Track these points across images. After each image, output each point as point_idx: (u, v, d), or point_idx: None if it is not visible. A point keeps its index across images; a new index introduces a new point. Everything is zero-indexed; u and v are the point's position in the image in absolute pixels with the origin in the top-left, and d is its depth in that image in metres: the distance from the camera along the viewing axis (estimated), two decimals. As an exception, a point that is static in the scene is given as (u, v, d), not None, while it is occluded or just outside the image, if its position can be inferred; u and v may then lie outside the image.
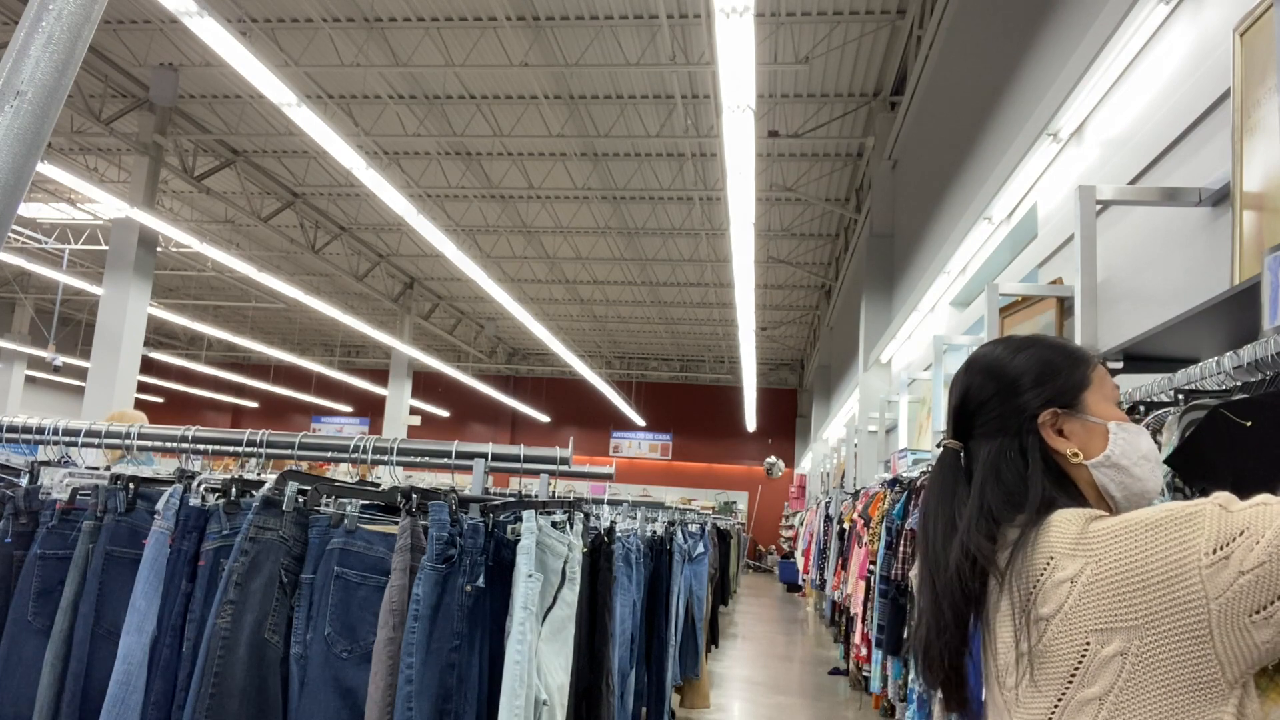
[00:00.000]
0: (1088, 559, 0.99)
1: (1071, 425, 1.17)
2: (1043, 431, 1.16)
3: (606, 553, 2.51)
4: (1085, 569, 0.99)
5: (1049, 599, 1.01)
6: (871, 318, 9.66)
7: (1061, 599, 1.00)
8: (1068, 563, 1.01)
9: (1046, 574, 1.02)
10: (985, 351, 1.27)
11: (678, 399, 26.88)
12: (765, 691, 7.14)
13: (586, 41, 9.46)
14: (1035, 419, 1.17)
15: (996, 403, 1.20)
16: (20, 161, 0.89)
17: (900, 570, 4.39)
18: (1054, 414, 1.17)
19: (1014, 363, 1.21)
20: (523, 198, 13.96)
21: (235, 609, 1.78)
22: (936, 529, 1.19)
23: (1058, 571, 1.01)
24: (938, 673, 1.15)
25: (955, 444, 1.25)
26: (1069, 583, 0.99)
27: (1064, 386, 1.18)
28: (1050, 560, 1.03)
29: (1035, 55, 4.73)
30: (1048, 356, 1.21)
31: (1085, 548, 1.00)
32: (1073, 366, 1.20)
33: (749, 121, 5.88)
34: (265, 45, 9.94)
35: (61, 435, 2.34)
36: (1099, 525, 1.02)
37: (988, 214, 4.59)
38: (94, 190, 8.85)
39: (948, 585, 1.13)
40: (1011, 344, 1.25)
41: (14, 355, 20.42)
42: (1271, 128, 2.15)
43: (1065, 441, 1.16)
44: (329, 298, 20.62)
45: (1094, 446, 1.15)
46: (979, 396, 1.22)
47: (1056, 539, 1.04)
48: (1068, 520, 1.05)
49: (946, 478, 1.23)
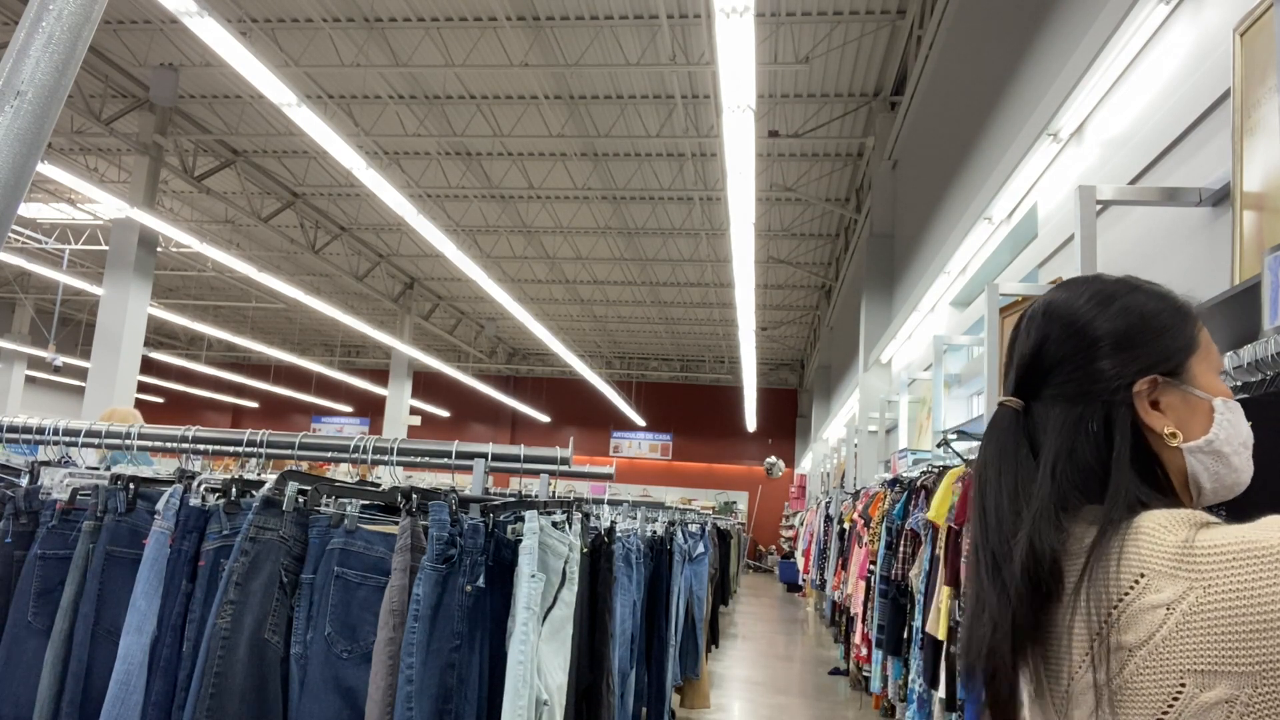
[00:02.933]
0: (1192, 582, 0.80)
1: (1171, 398, 0.95)
2: (1138, 403, 0.94)
3: (606, 553, 2.51)
4: (1188, 595, 0.80)
5: (1136, 625, 0.82)
6: (871, 318, 9.66)
7: (1153, 627, 0.81)
8: (1165, 584, 0.81)
9: (1135, 594, 0.83)
10: (1071, 296, 1.02)
11: (678, 399, 26.88)
12: (765, 691, 7.14)
13: (586, 41, 9.46)
14: (1130, 387, 0.94)
15: (1080, 361, 0.97)
16: (20, 161, 0.89)
17: (900, 570, 4.39)
18: (1153, 383, 0.95)
19: (1107, 314, 0.98)
20: (523, 198, 13.97)
21: (235, 609, 1.78)
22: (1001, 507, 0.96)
23: (1150, 593, 0.82)
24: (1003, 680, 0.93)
25: (1016, 403, 1.01)
26: (1165, 609, 0.81)
27: (1169, 349, 0.96)
28: (1141, 578, 0.83)
29: (1035, 55, 4.73)
30: (1151, 309, 0.97)
31: (1191, 568, 0.81)
32: (1180, 324, 0.97)
33: (749, 121, 5.88)
34: (265, 45, 9.94)
35: (61, 435, 2.34)
36: (1209, 539, 0.82)
37: (988, 214, 4.59)
38: (94, 190, 8.85)
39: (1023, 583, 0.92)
40: (1103, 290, 1.01)
41: (14, 355, 20.42)
42: (1271, 128, 2.15)
43: (1162, 418, 0.94)
44: (329, 298, 20.62)
45: (1195, 426, 0.95)
46: (1057, 352, 0.99)
47: (1150, 551, 0.84)
48: (1164, 527, 0.85)
49: (1007, 444, 0.99)
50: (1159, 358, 0.95)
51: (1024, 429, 1.00)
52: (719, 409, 26.62)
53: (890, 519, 4.69)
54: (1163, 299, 0.99)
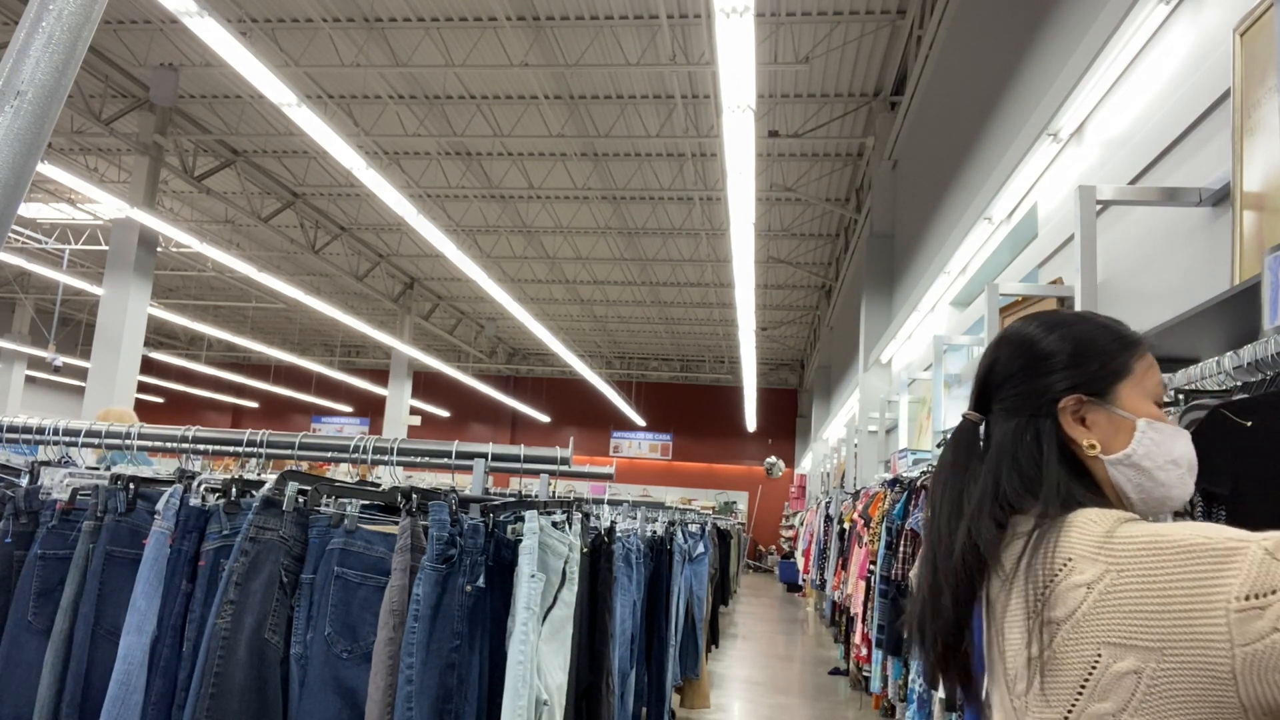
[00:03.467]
0: (1109, 566, 0.92)
1: (1096, 415, 1.08)
2: (1061, 418, 1.08)
3: (606, 553, 2.51)
4: (1105, 576, 0.92)
5: (1062, 602, 0.94)
6: (871, 318, 9.66)
7: (1075, 604, 0.93)
8: (1087, 566, 0.93)
9: (1062, 575, 0.95)
10: (1023, 324, 1.17)
11: (678, 399, 26.88)
12: (765, 691, 7.14)
13: (586, 41, 9.46)
14: (1057, 403, 1.08)
15: (1022, 378, 1.11)
16: (20, 161, 0.89)
17: (900, 570, 4.39)
18: (1078, 400, 1.08)
19: (1049, 339, 1.12)
20: (523, 198, 13.97)
21: (235, 609, 1.78)
22: (943, 506, 1.12)
23: (1075, 574, 0.94)
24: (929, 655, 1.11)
25: (975, 416, 1.17)
26: (1085, 588, 0.92)
27: (1097, 372, 1.08)
28: (1069, 562, 0.95)
29: (1035, 55, 4.73)
30: (1089, 336, 1.11)
31: (1108, 553, 0.93)
32: (1114, 352, 1.09)
33: (749, 121, 5.88)
34: (265, 45, 9.94)
35: (61, 435, 2.34)
36: (1128, 531, 0.94)
37: (988, 214, 4.59)
38: (94, 190, 8.85)
39: (951, 570, 1.06)
40: (1054, 319, 1.15)
41: (14, 355, 20.42)
42: (1271, 128, 2.15)
43: (1085, 431, 1.08)
44: (329, 298, 20.62)
45: (1116, 442, 1.07)
46: (1006, 369, 1.13)
47: (1079, 539, 0.96)
48: (1093, 520, 0.97)
49: (960, 452, 1.15)
50: (1087, 379, 1.08)
51: (979, 439, 1.15)
52: (719, 409, 26.62)
53: (890, 519, 4.69)
54: (1105, 329, 1.12)
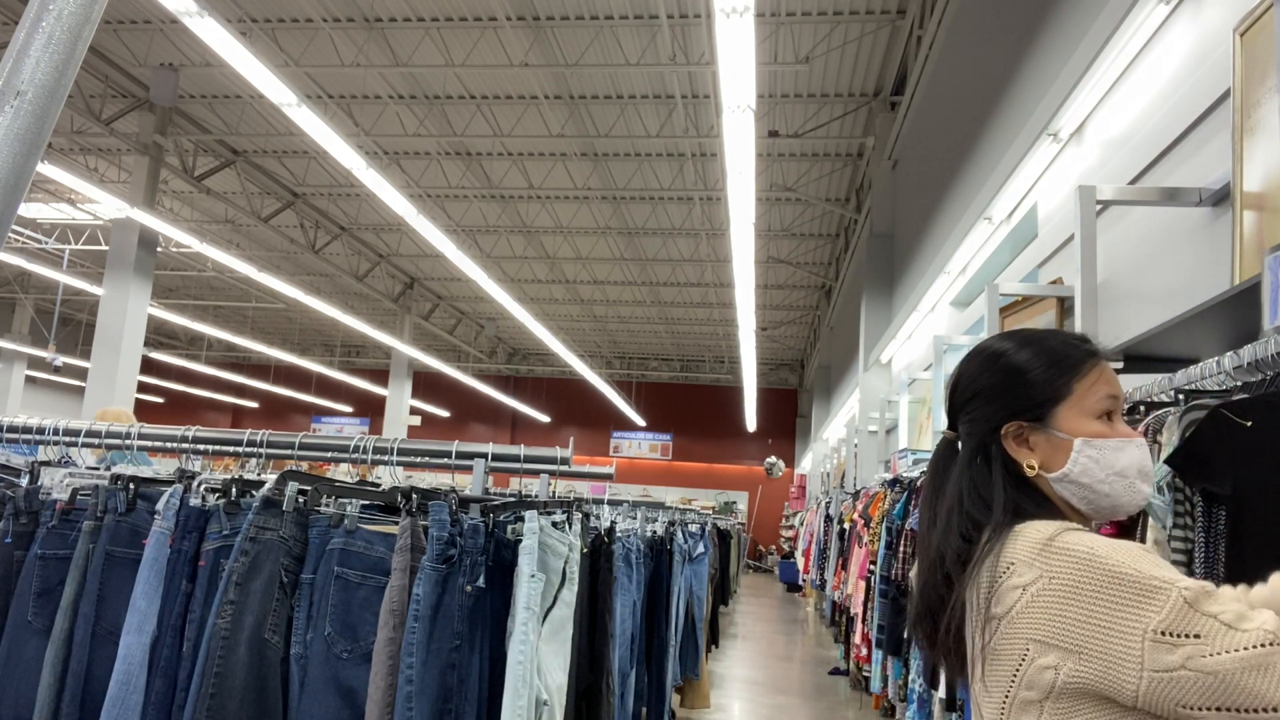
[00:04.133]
0: (1043, 571, 1.02)
1: (1037, 438, 1.17)
2: (1004, 442, 1.18)
3: (606, 553, 2.51)
4: (1038, 580, 1.02)
5: (1002, 601, 1.04)
6: (871, 318, 9.66)
7: (1012, 603, 1.03)
8: (1025, 570, 1.03)
9: (1005, 578, 1.05)
10: (985, 344, 1.27)
11: (678, 399, 26.88)
12: (765, 691, 7.14)
13: (586, 41, 9.46)
14: (999, 430, 1.18)
15: (976, 404, 1.22)
16: (20, 161, 0.89)
17: (900, 570, 4.39)
18: (1019, 426, 1.18)
19: (999, 364, 1.22)
20: (523, 198, 13.96)
21: (235, 609, 1.78)
22: (925, 521, 1.24)
23: (1014, 576, 1.04)
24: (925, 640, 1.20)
25: (951, 434, 1.27)
26: (1021, 589, 1.03)
27: (1034, 399, 1.17)
28: (1011, 565, 1.05)
29: (1035, 55, 4.73)
30: (1027, 364, 1.19)
31: (1044, 560, 1.03)
32: (1051, 377, 1.18)
33: (749, 121, 5.88)
34: (265, 45, 9.93)
35: (61, 435, 2.34)
36: (1066, 541, 1.03)
37: (988, 214, 4.59)
38: (94, 190, 8.85)
39: (930, 576, 1.18)
40: (1011, 339, 1.24)
41: (14, 355, 20.42)
42: (1271, 128, 2.15)
43: (1027, 453, 1.17)
44: (329, 298, 20.62)
45: (1055, 461, 1.16)
46: (964, 394, 1.25)
47: (1022, 546, 1.06)
48: (1038, 529, 1.06)
49: (939, 469, 1.26)
50: (1024, 405, 1.18)
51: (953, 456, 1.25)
52: (719, 409, 26.62)
53: (890, 519, 4.69)
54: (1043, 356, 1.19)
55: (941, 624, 1.15)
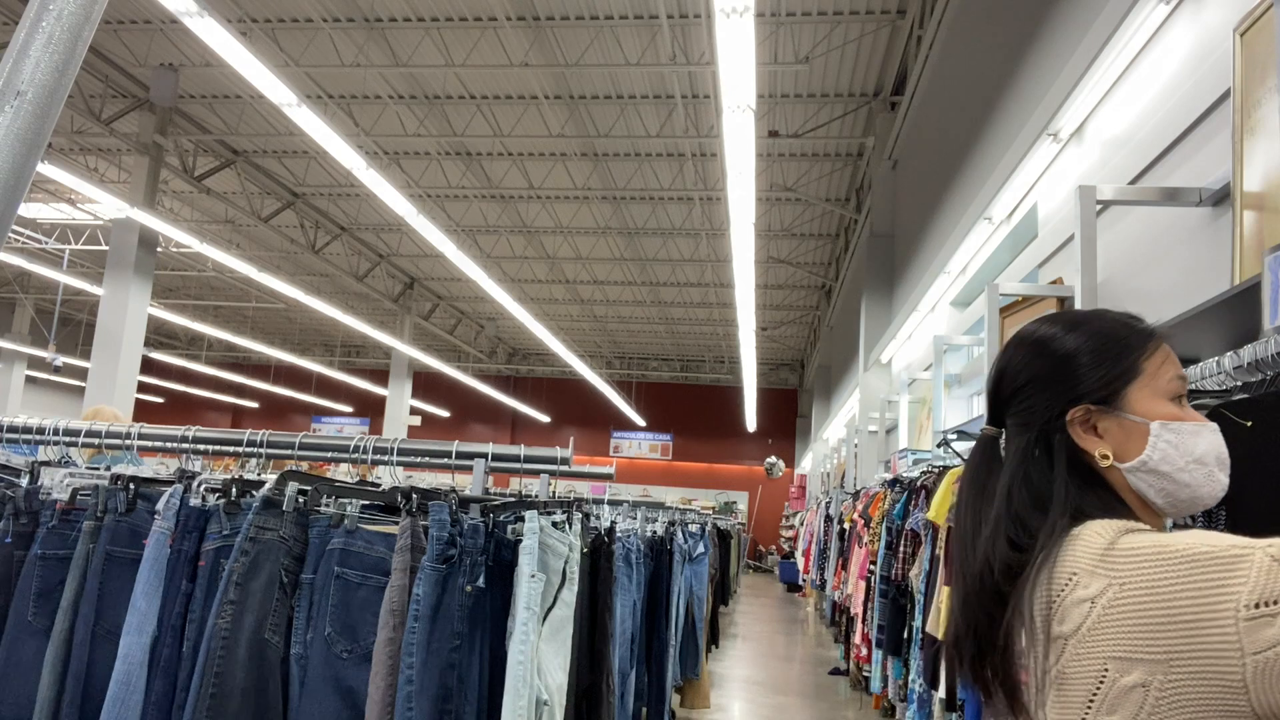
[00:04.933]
0: (1111, 579, 0.90)
1: (1108, 423, 1.05)
2: (1071, 430, 1.05)
3: (607, 553, 2.51)
4: (1108, 590, 0.90)
5: (1068, 616, 0.93)
6: (871, 318, 9.66)
7: (1080, 618, 0.91)
8: (1089, 580, 0.92)
9: (1068, 590, 0.93)
10: (1030, 330, 1.14)
11: (678, 399, 26.88)
12: (765, 691, 7.13)
13: (586, 41, 9.46)
14: (1064, 415, 1.06)
15: (1030, 391, 1.09)
16: (20, 161, 0.89)
17: (900, 570, 4.39)
18: (1086, 410, 1.05)
19: (1052, 347, 1.09)
20: (523, 198, 13.96)
21: (235, 609, 1.78)
22: (967, 525, 1.10)
23: (1079, 588, 0.92)
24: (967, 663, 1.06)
25: (992, 430, 1.14)
26: (1089, 602, 0.91)
27: (1103, 379, 1.05)
28: (1073, 576, 0.94)
29: (1035, 55, 4.73)
30: (1092, 343, 1.07)
31: (1109, 566, 0.91)
32: (1119, 355, 1.06)
33: (749, 121, 5.88)
34: (265, 45, 9.93)
35: (61, 435, 2.34)
36: (1129, 542, 0.92)
37: (988, 214, 4.59)
38: (94, 190, 8.85)
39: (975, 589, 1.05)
40: (1059, 322, 1.11)
41: (14, 355, 20.42)
42: (1272, 128, 2.15)
43: (1097, 441, 1.05)
44: (329, 298, 20.62)
45: (1131, 448, 1.03)
46: (1013, 381, 1.11)
47: (1082, 553, 0.94)
48: (1097, 533, 0.95)
49: (980, 470, 1.12)
50: (1091, 388, 1.05)
51: (998, 453, 1.12)
52: (719, 409, 26.62)
53: (890, 519, 4.69)
54: (1108, 333, 1.08)
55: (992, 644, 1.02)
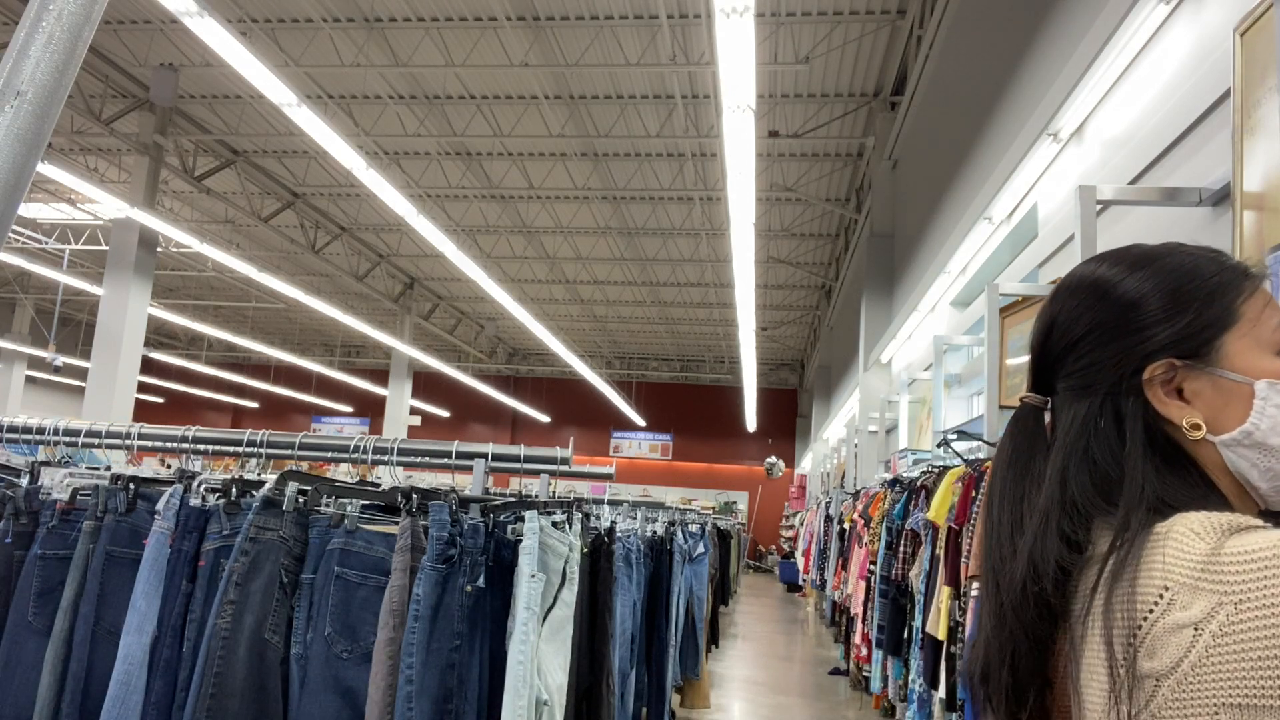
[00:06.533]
0: (1221, 597, 0.66)
1: (1198, 383, 0.80)
2: (1149, 392, 0.80)
3: (607, 553, 2.51)
4: (1218, 612, 0.66)
5: (1161, 649, 0.67)
6: (871, 318, 9.66)
7: (1180, 652, 0.66)
8: (1191, 599, 0.67)
9: (1158, 612, 0.68)
10: (1085, 270, 0.89)
11: (678, 399, 26.88)
12: (765, 691, 7.14)
13: (586, 41, 9.46)
14: (1140, 374, 0.81)
15: (1090, 343, 0.84)
16: (20, 161, 0.89)
17: (900, 570, 4.39)
18: (1169, 366, 0.80)
19: (1122, 286, 0.83)
20: (523, 198, 13.97)
21: (235, 609, 1.78)
22: (1002, 518, 0.85)
23: (1176, 610, 0.67)
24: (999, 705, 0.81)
25: (1036, 399, 0.89)
26: (1192, 629, 0.66)
27: (1189, 326, 0.80)
28: (1164, 592, 0.69)
29: (1035, 55, 4.73)
30: (1173, 281, 0.82)
31: (1218, 579, 0.66)
32: (1211, 295, 0.81)
33: (749, 121, 5.88)
34: (265, 45, 9.93)
35: (61, 435, 2.34)
36: (1241, 544, 0.67)
37: (988, 214, 4.59)
38: (94, 190, 8.85)
39: (1017, 603, 0.79)
40: (1127, 257, 0.86)
41: (14, 355, 20.42)
42: (1272, 128, 2.15)
43: (1184, 408, 0.80)
44: (329, 298, 20.62)
45: (1230, 416, 0.79)
46: (1067, 334, 0.86)
47: (1175, 559, 0.69)
48: (1194, 533, 0.70)
49: (1021, 449, 0.87)
50: (1174, 337, 0.80)
51: (1043, 428, 0.88)
52: (719, 409, 26.62)
53: (890, 519, 4.69)
54: (1194, 267, 0.83)
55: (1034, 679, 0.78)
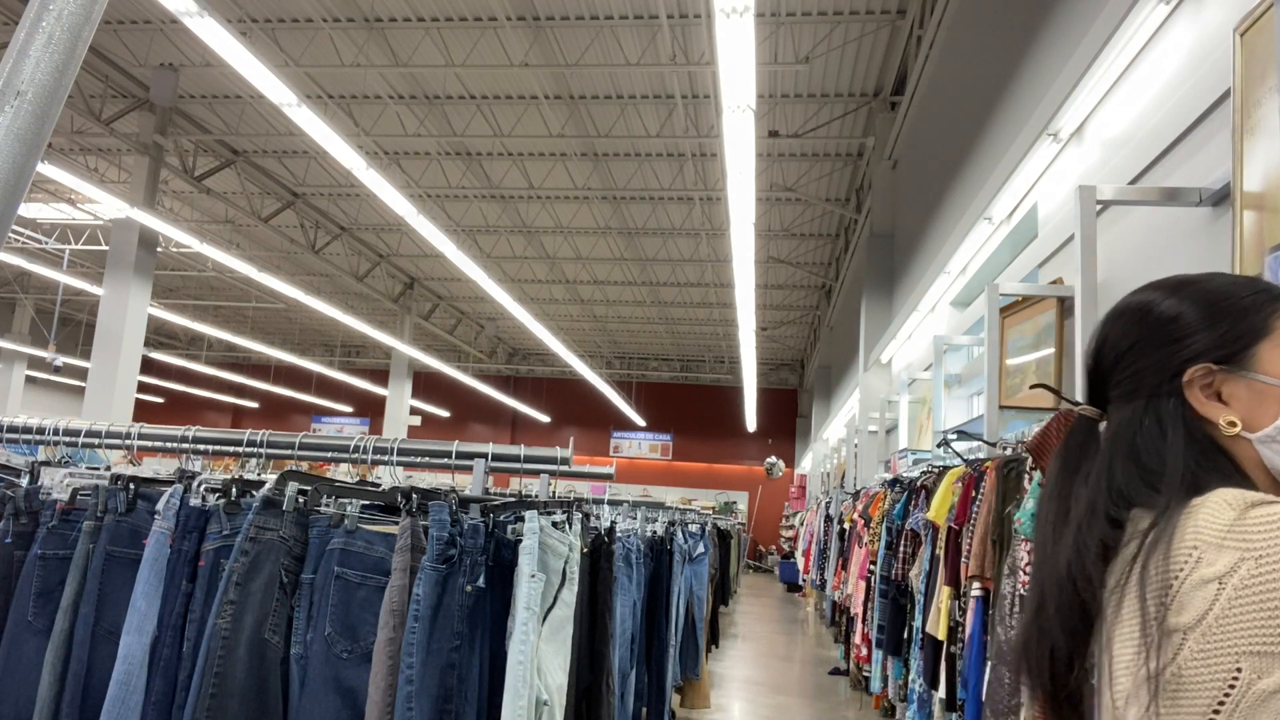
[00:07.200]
0: (1244, 553, 0.74)
1: (1234, 386, 0.90)
2: (1188, 394, 0.91)
3: (607, 553, 2.51)
4: (1240, 566, 0.73)
5: (1189, 604, 0.75)
6: (871, 318, 9.66)
7: (1205, 605, 0.74)
8: (1216, 556, 0.75)
9: (1187, 570, 0.76)
10: (1126, 300, 1.00)
11: (678, 399, 26.88)
12: (765, 691, 7.13)
13: (586, 41, 9.46)
14: (1179, 377, 0.91)
15: (1136, 354, 0.94)
16: (20, 161, 0.89)
17: (900, 570, 4.39)
18: (1207, 371, 0.90)
19: (1166, 303, 0.95)
20: (523, 198, 13.97)
21: (235, 609, 1.78)
22: (1048, 514, 0.96)
23: (1203, 567, 0.75)
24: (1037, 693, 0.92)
25: (1091, 411, 0.99)
26: (1216, 583, 0.74)
27: (1225, 336, 0.91)
28: (1193, 550, 0.77)
29: (1035, 55, 4.73)
30: (1213, 297, 0.93)
31: (1241, 537, 0.75)
32: (1246, 310, 0.92)
33: (749, 121, 5.88)
34: (265, 45, 9.93)
35: (61, 435, 2.34)
36: (1265, 512, 0.76)
37: (988, 214, 4.59)
38: (94, 190, 8.85)
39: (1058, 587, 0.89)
40: (1170, 280, 0.98)
41: (14, 355, 20.42)
42: (1271, 128, 2.14)
43: (1220, 408, 0.90)
44: (329, 298, 20.62)
45: (1264, 415, 0.88)
46: (1115, 349, 0.97)
47: (1206, 523, 0.78)
48: (1224, 503, 0.79)
49: (1074, 454, 0.97)
50: (1211, 345, 0.91)
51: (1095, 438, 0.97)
52: (719, 409, 26.62)
53: (890, 519, 4.69)
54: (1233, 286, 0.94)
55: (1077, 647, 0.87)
